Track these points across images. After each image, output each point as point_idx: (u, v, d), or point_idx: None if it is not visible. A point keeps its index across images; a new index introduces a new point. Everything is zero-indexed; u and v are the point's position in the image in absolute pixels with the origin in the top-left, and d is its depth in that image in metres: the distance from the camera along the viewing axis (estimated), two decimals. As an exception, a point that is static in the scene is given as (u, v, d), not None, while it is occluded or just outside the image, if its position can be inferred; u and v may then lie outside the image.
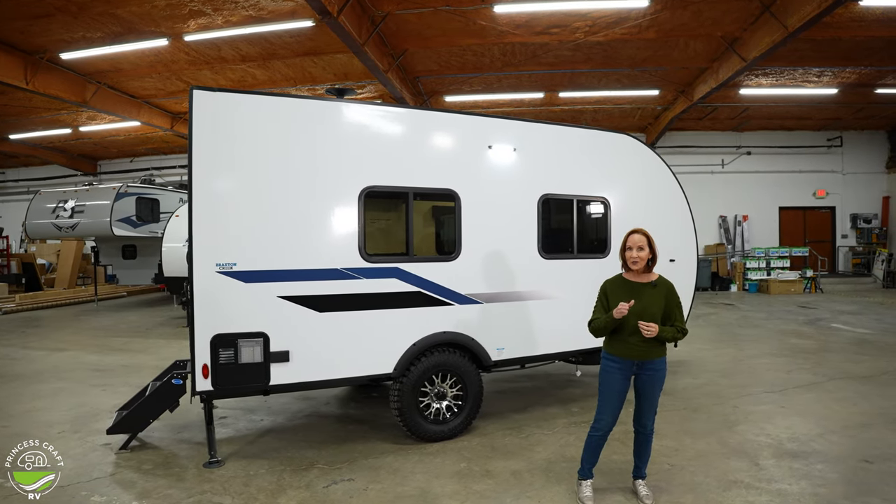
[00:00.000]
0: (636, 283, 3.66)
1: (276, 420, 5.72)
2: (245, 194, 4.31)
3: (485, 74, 14.77)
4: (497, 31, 11.81)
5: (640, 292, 3.60)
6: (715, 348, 8.84)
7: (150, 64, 13.15)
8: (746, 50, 10.83)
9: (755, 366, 7.59)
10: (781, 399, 6.04)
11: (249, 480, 4.26)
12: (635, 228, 3.70)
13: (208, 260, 4.19)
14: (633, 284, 3.66)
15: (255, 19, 10.93)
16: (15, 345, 9.81)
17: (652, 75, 13.81)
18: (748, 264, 17.02)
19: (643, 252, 3.60)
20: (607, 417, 3.68)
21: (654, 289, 3.64)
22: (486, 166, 5.15)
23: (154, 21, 10.52)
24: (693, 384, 6.72)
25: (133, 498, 4.01)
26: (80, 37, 10.90)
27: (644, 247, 3.61)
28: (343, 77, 15.08)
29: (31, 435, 5.30)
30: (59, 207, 13.38)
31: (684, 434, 5.02)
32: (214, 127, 4.20)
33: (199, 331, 4.20)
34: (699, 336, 9.92)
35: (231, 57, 13.18)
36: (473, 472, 4.31)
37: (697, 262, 6.69)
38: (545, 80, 15.14)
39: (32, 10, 9.43)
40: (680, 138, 19.18)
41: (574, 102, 17.11)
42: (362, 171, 4.62)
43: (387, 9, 10.72)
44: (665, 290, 3.67)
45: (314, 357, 4.50)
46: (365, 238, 4.64)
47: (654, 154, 6.33)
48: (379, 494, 3.98)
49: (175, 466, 4.58)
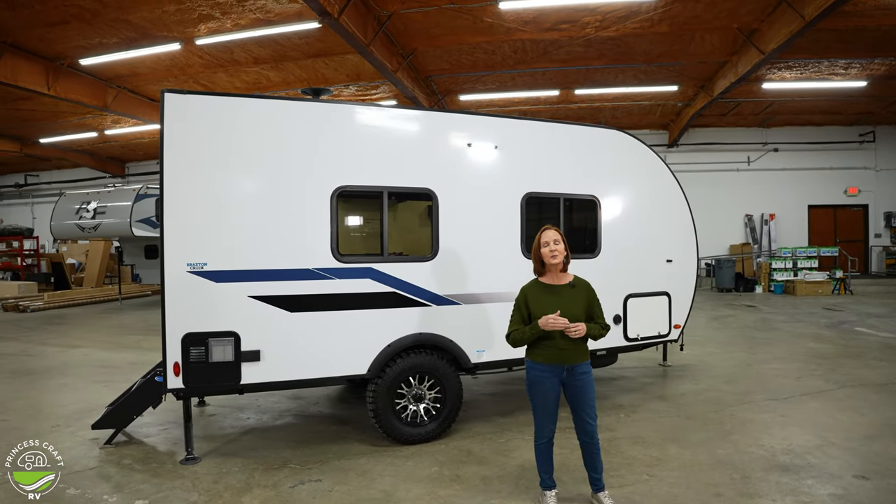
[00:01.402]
0: (555, 286, 3.53)
1: (262, 419, 5.74)
2: (215, 194, 4.33)
3: (497, 73, 14.64)
4: (505, 29, 11.68)
5: (559, 294, 3.47)
6: (725, 352, 8.52)
7: (167, 68, 13.47)
8: (764, 42, 10.42)
9: (764, 371, 7.27)
10: (784, 407, 5.75)
11: (220, 478, 4.28)
12: (548, 226, 3.59)
13: (179, 260, 4.22)
14: (551, 287, 3.52)
15: (263, 22, 11.07)
16: (34, 341, 10.16)
17: (669, 70, 13.44)
18: (774, 264, 16.39)
19: (560, 246, 3.48)
20: (549, 425, 3.55)
21: (574, 289, 3.53)
22: (466, 165, 5.05)
23: (166, 26, 10.76)
24: (692, 390, 6.47)
25: (105, 491, 4.07)
26: (97, 42, 11.23)
27: (560, 240, 3.48)
28: (356, 77, 15.17)
29: (28, 429, 5.48)
30: (83, 209, 13.83)
31: (671, 443, 4.82)
32: (185, 129, 4.23)
33: (171, 329, 4.23)
34: (710, 339, 9.59)
35: (244, 60, 13.39)
36: (443, 476, 4.23)
37: (697, 263, 6.43)
38: (559, 77, 14.91)
39: (49, 18, 9.75)
40: (703, 135, 18.63)
41: (591, 100, 16.81)
42: (334, 170, 4.59)
43: (391, 8, 10.71)
44: (584, 289, 3.56)
45: (285, 357, 4.48)
46: (338, 238, 4.60)
47: (651, 152, 6.13)
48: (342, 496, 3.93)
49: (153, 462, 4.63)
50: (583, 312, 3.46)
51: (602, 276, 5.61)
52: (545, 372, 3.45)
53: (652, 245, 6.02)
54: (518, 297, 3.54)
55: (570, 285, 3.53)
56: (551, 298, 3.45)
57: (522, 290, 3.55)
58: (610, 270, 5.70)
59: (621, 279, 5.79)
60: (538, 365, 3.46)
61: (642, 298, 5.92)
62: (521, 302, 3.51)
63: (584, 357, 3.48)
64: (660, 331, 6.10)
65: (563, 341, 3.39)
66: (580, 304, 3.47)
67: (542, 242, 3.49)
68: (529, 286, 3.56)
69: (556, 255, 3.45)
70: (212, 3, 10.05)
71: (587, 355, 3.52)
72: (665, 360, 7.79)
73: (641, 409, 5.81)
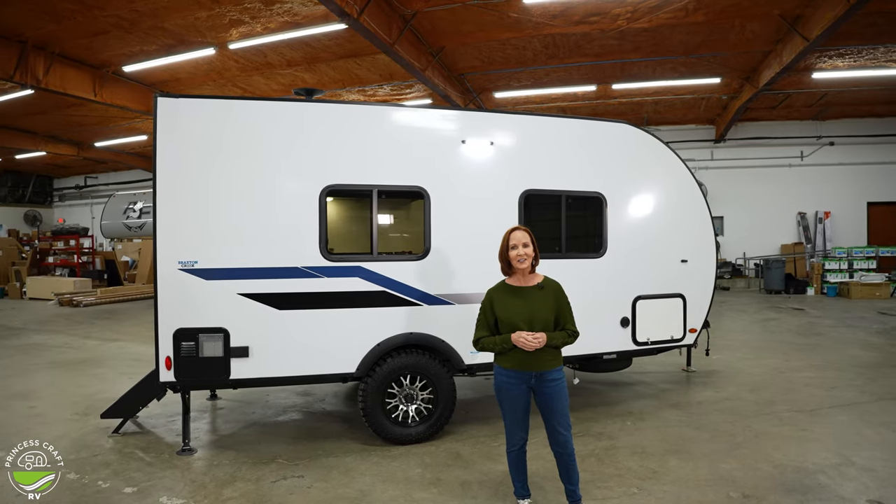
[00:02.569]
0: (522, 288, 3.36)
1: (266, 414, 5.84)
2: (205, 193, 4.42)
3: (529, 69, 14.39)
4: (533, 24, 11.44)
5: (527, 297, 3.32)
6: (758, 358, 8.03)
7: (205, 72, 13.97)
8: (808, 28, 9.74)
9: (794, 379, 6.80)
10: (807, 420, 5.34)
11: (209, 469, 4.38)
12: (516, 226, 3.44)
13: (171, 257, 4.34)
14: (519, 290, 3.37)
15: (292, 24, 11.28)
16: (78, 335, 10.78)
17: (710, 62, 12.80)
18: (827, 265, 15.34)
19: (528, 249, 3.33)
20: (519, 433, 3.42)
21: (542, 291, 3.36)
22: (460, 162, 4.95)
23: (199, 32, 11.15)
24: (712, 398, 6.12)
25: (101, 477, 4.25)
26: (138, 50, 11.77)
27: (528, 243, 3.33)
28: (388, 77, 15.27)
29: (49, 416, 5.80)
30: (129, 209, 14.58)
31: (673, 454, 4.56)
32: (176, 131, 4.34)
33: (163, 325, 4.36)
34: (745, 344, 9.07)
35: (277, 62, 13.71)
36: (424, 479, 4.16)
37: (717, 263, 6.06)
38: (594, 71, 14.50)
39: (91, 28, 10.30)
40: (752, 129, 17.67)
41: (630, 94, 16.27)
42: (323, 169, 4.60)
43: (416, 7, 10.69)
44: (553, 291, 3.38)
45: (274, 354, 4.53)
46: (326, 236, 4.61)
47: (664, 146, 5.82)
48: (319, 493, 3.94)
49: (153, 451, 4.80)
50: (551, 315, 3.31)
51: (608, 277, 5.45)
52: (512, 378, 3.32)
53: (664, 244, 5.72)
54: (484, 300, 3.43)
55: (539, 287, 3.38)
56: (518, 301, 3.31)
57: (488, 293, 3.43)
58: (617, 271, 5.47)
59: (630, 280, 5.54)
60: (505, 370, 3.34)
61: (653, 300, 5.64)
62: (486, 306, 3.39)
63: (554, 363, 3.33)
64: (673, 335, 5.79)
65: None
66: (548, 306, 3.32)
67: (510, 245, 3.36)
68: (495, 289, 3.44)
69: (523, 259, 3.32)
70: (240, 7, 10.33)
71: (558, 361, 3.37)
72: (689, 365, 7.42)
73: (651, 416, 5.54)
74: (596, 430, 5.16)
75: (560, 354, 3.40)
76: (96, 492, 4.01)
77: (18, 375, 7.46)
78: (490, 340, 3.31)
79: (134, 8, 9.71)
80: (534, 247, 3.40)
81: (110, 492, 4.01)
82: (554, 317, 3.34)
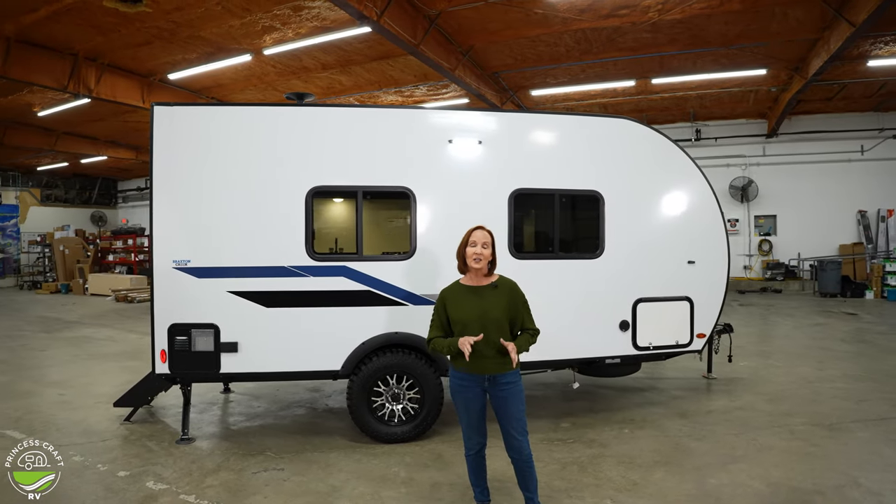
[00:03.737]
0: (476, 287, 3.31)
1: (270, 408, 6.03)
2: (198, 195, 4.63)
3: (563, 65, 14.11)
4: (561, 19, 11.21)
5: (480, 296, 3.27)
6: (789, 365, 7.55)
7: (246, 78, 14.53)
8: (854, 13, 9.04)
9: (822, 390, 6.35)
10: (822, 435, 4.98)
11: (199, 459, 4.58)
12: (478, 225, 3.40)
13: (166, 256, 4.57)
14: (472, 289, 3.31)
15: (321, 29, 11.55)
16: (123, 329, 11.50)
17: (753, 52, 12.12)
18: (888, 267, 14.19)
19: (487, 250, 3.28)
20: (475, 437, 3.38)
21: (496, 290, 3.31)
22: (446, 162, 4.94)
23: (234, 39, 11.62)
24: (724, 407, 5.82)
25: (102, 461, 4.54)
26: (181, 58, 12.40)
27: (488, 244, 3.29)
28: (423, 77, 15.35)
29: (74, 403, 6.21)
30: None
31: (661, 466, 4.36)
32: (171, 137, 4.57)
33: (158, 320, 4.60)
34: (780, 350, 8.56)
35: (312, 66, 14.08)
36: (398, 477, 4.19)
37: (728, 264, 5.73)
38: (631, 66, 14.05)
39: (135, 40, 10.94)
40: (807, 122, 16.59)
41: (673, 89, 15.65)
42: (309, 171, 4.71)
43: (439, 7, 10.71)
44: (508, 290, 3.32)
45: (262, 350, 4.69)
46: (313, 236, 4.71)
47: (669, 142, 5.56)
48: (292, 486, 4.05)
49: (155, 439, 5.06)
50: (504, 315, 3.26)
51: (606, 279, 5.29)
52: (466, 380, 3.29)
53: (668, 244, 5.47)
54: (437, 300, 3.41)
55: (493, 286, 3.33)
56: (471, 301, 3.28)
57: (441, 293, 3.41)
58: (615, 272, 5.29)
59: (629, 282, 5.35)
60: (458, 373, 3.31)
61: (656, 303, 5.42)
62: (439, 306, 3.37)
63: (508, 366, 3.26)
64: (678, 340, 5.54)
65: (485, 349, 3.21)
66: (501, 306, 3.27)
67: (469, 242, 3.33)
68: (449, 289, 3.41)
69: (479, 258, 3.28)
70: (271, 14, 10.68)
71: (512, 365, 3.30)
72: (710, 371, 7.08)
73: (651, 425, 5.33)
74: (589, 437, 5.01)
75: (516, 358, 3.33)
76: (93, 474, 4.28)
77: (59, 365, 8.05)
78: (440, 342, 3.29)
79: (171, 19, 10.24)
80: (492, 249, 3.35)
81: (106, 474, 4.27)
82: (508, 317, 3.27)
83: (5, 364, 8.05)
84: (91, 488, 4.04)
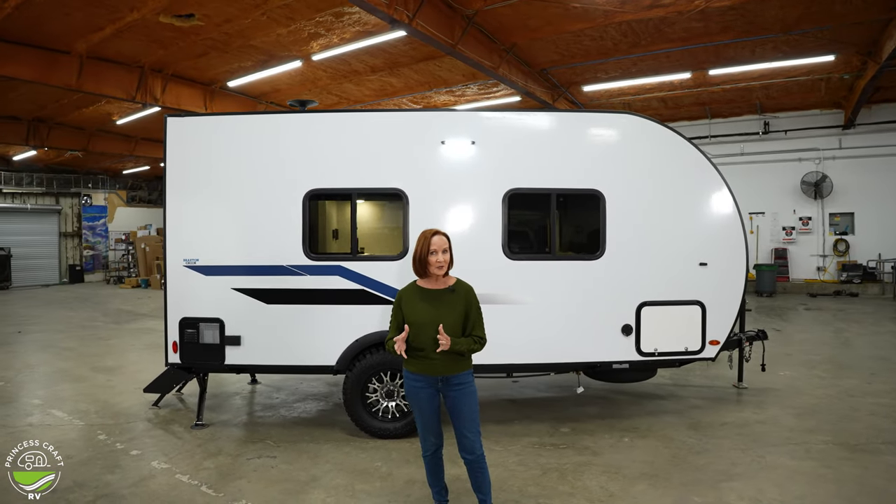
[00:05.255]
0: (433, 290, 3.31)
1: (287, 399, 6.35)
2: (205, 198, 4.98)
3: (612, 59, 13.68)
4: (602, 12, 10.88)
5: (436, 299, 3.28)
6: (835, 377, 6.96)
7: (300, 83, 15.18)
8: (927, -11, 8.15)
9: (861, 406, 5.82)
10: (842, 456, 4.57)
11: (205, 443, 4.93)
12: (435, 230, 3.39)
13: (177, 255, 4.96)
14: (429, 292, 3.32)
15: (364, 33, 11.87)
16: (183, 317, 12.38)
17: (817, 37, 11.20)
18: None
19: (447, 255, 3.28)
20: (430, 437, 3.41)
21: (453, 294, 3.31)
22: (439, 163, 4.99)
23: (284, 46, 12.19)
24: (742, 420, 5.47)
25: (121, 440, 5.01)
26: (237, 66, 13.16)
27: (448, 250, 3.28)
28: (471, 77, 15.37)
29: (118, 388, 6.82)
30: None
31: (647, 479, 4.19)
32: (182, 147, 4.96)
33: (171, 313, 4.99)
34: (830, 360, 7.89)
35: (362, 69, 14.49)
36: (378, 472, 4.31)
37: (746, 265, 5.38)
38: (685, 57, 13.38)
39: (193, 51, 11.76)
40: (887, 112, 15.04)
41: (733, 79, 14.73)
42: (306, 174, 4.93)
43: (475, 6, 10.71)
44: (464, 294, 3.31)
45: (262, 343, 4.97)
46: (310, 237, 4.93)
47: (679, 136, 5.27)
48: (277, 473, 4.28)
49: (174, 423, 5.50)
50: (459, 319, 3.28)
51: (607, 281, 5.16)
52: (418, 381, 3.34)
53: (677, 245, 5.22)
54: (395, 301, 3.47)
55: (450, 290, 3.36)
56: (426, 304, 3.32)
57: (398, 294, 3.47)
58: (617, 274, 5.13)
59: (633, 284, 5.16)
60: (412, 374, 3.37)
61: (662, 307, 5.20)
62: (396, 308, 3.43)
63: (460, 367, 3.29)
64: (688, 346, 5.28)
65: (433, 351, 3.25)
66: (457, 310, 3.29)
67: (430, 249, 3.35)
68: (406, 290, 3.46)
69: (442, 265, 3.31)
70: (315, 21, 11.11)
71: (466, 365, 3.33)
72: (740, 381, 6.68)
73: (655, 434, 5.13)
74: (584, 444, 4.90)
75: (468, 359, 3.35)
76: (110, 451, 4.73)
77: (116, 353, 8.83)
78: (391, 345, 3.36)
79: (223, 31, 10.91)
80: (450, 252, 3.39)
81: (120, 453, 4.70)
82: (462, 321, 3.30)
83: (71, 351, 8.95)
84: (103, 463, 4.47)
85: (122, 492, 3.99)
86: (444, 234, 3.40)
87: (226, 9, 9.99)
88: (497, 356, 5.07)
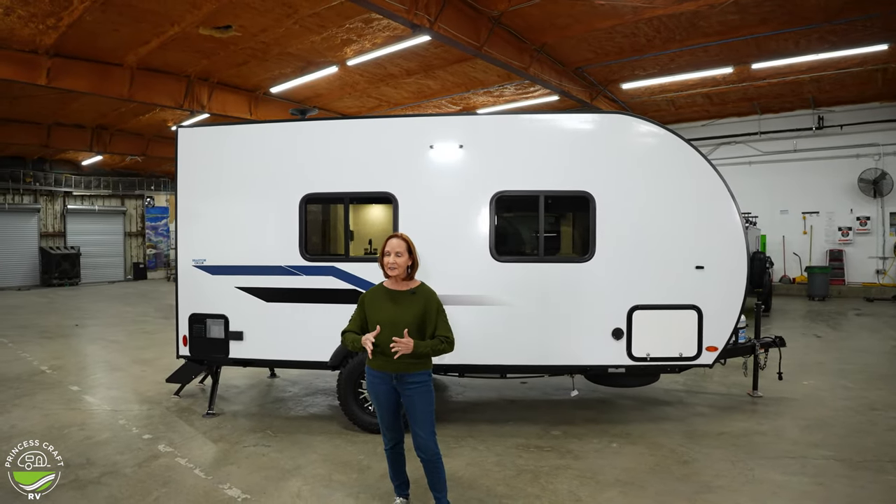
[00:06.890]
0: (395, 291, 3.45)
1: (298, 393, 6.67)
2: (212, 202, 5.35)
3: (647, 56, 13.34)
4: (630, 8, 10.66)
5: (397, 300, 3.41)
6: (863, 388, 6.58)
7: (340, 87, 15.68)
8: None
9: (882, 421, 5.49)
10: (840, 473, 4.35)
11: (210, 430, 5.30)
12: (395, 233, 3.56)
13: (187, 256, 5.35)
14: (391, 293, 3.46)
15: (394, 38, 12.13)
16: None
17: (864, 26, 10.52)
18: None
19: (401, 258, 3.40)
20: (389, 432, 3.56)
21: (413, 296, 3.45)
22: (428, 166, 5.13)
23: (319, 52, 12.66)
24: (742, 430, 5.30)
25: (137, 425, 5.46)
26: (277, 73, 13.77)
27: (402, 253, 3.41)
28: (506, 78, 15.37)
29: (147, 378, 7.32)
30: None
31: (620, 487, 4.14)
32: (192, 156, 5.35)
33: (181, 309, 5.39)
34: (862, 370, 7.43)
35: (398, 73, 14.80)
36: (358, 465, 4.51)
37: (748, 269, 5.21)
38: (724, 51, 12.88)
39: (234, 60, 12.43)
40: (959, 103, 13.91)
41: (779, 73, 14.03)
42: (303, 180, 5.20)
43: (501, 7, 10.74)
44: (424, 297, 3.44)
45: (262, 339, 5.29)
46: (306, 239, 5.20)
47: (674, 136, 5.15)
48: (265, 461, 4.57)
49: (188, 412, 5.91)
50: (414, 321, 3.41)
51: (596, 283, 5.16)
52: (377, 377, 3.50)
53: (671, 248, 5.11)
54: (360, 298, 3.64)
55: (411, 292, 3.50)
56: (387, 304, 3.47)
57: (365, 293, 3.64)
58: (607, 277, 5.10)
59: (623, 287, 5.11)
60: (371, 370, 3.53)
61: (655, 311, 5.12)
62: (359, 305, 3.60)
63: (416, 367, 3.42)
64: (683, 352, 5.18)
65: (388, 349, 3.39)
66: (413, 311, 3.42)
67: (384, 251, 3.52)
68: (372, 290, 3.63)
69: (393, 268, 3.46)
70: (345, 28, 11.48)
71: (421, 365, 3.45)
72: (755, 389, 6.44)
73: (645, 441, 5.05)
74: (567, 448, 4.91)
75: (426, 359, 3.47)
76: (125, 435, 5.18)
77: (157, 347, 9.48)
78: (349, 336, 3.52)
79: (260, 40, 11.48)
80: (410, 255, 3.52)
81: (134, 437, 5.14)
82: (419, 323, 3.42)
83: (117, 344, 9.71)
84: (115, 445, 4.90)
85: (126, 471, 4.38)
86: (403, 237, 3.54)
87: (259, 19, 10.51)
88: (486, 357, 5.20)
